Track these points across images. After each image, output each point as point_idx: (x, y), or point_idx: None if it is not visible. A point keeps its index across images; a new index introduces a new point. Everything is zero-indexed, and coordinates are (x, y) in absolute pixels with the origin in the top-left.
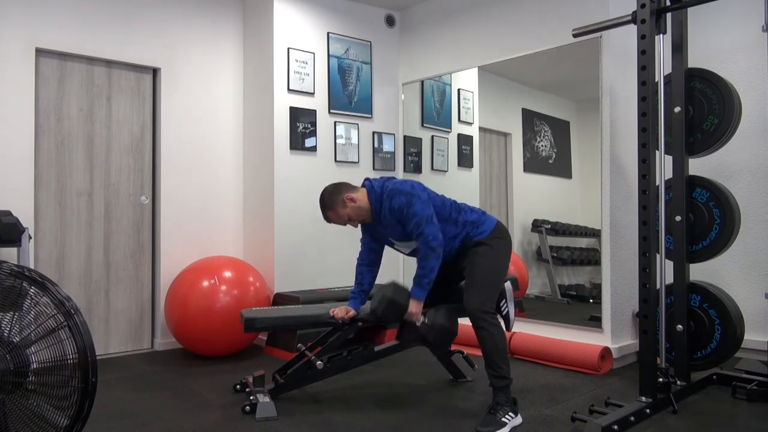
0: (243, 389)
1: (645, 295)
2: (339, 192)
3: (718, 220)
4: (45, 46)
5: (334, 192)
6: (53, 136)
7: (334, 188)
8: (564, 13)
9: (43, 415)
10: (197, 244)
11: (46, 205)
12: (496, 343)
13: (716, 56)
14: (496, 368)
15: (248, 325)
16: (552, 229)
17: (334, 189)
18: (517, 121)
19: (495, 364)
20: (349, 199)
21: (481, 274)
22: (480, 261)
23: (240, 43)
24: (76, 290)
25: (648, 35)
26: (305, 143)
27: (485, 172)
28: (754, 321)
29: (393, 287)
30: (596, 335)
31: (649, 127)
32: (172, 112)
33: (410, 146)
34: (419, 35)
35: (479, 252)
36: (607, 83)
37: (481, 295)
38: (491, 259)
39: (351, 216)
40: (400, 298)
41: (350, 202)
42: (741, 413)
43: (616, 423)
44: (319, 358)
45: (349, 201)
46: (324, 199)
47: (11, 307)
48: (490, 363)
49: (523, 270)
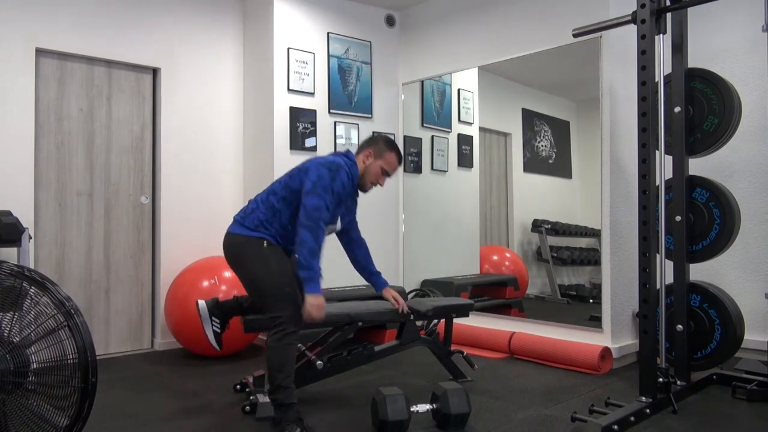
0: (243, 389)
1: (645, 295)
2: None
3: (718, 220)
4: (45, 46)
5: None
6: (53, 136)
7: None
8: (564, 13)
9: (43, 415)
10: (197, 244)
11: (46, 205)
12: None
13: (716, 56)
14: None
15: (248, 325)
16: (552, 229)
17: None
18: (517, 121)
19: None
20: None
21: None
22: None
23: (240, 43)
24: (76, 290)
25: (648, 35)
26: (305, 143)
27: (485, 172)
28: (754, 321)
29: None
30: (596, 335)
31: (649, 127)
32: (172, 112)
33: (410, 146)
34: (419, 35)
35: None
36: (607, 83)
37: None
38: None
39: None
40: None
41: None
42: (741, 413)
43: (616, 423)
44: (319, 358)
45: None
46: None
47: (11, 307)
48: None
49: (523, 270)
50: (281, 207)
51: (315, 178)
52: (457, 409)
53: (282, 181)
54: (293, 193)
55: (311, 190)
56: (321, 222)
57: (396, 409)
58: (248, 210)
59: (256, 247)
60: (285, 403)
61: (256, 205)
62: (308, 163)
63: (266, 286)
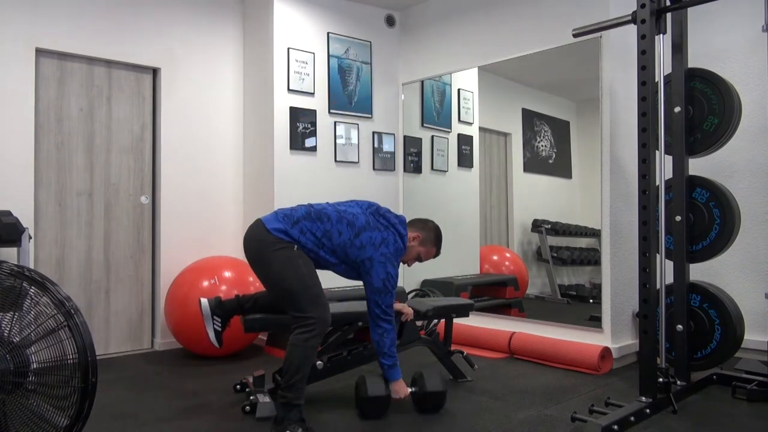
0: (243, 389)
1: (645, 295)
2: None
3: (718, 220)
4: (45, 46)
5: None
6: (53, 136)
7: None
8: (564, 13)
9: (43, 415)
10: (197, 244)
11: (46, 205)
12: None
13: (716, 56)
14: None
15: (248, 325)
16: (552, 229)
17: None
18: (517, 121)
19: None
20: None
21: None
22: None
23: (240, 43)
24: (76, 290)
25: (648, 35)
26: (305, 143)
27: (485, 172)
28: (754, 321)
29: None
30: (596, 335)
31: (649, 127)
32: (172, 112)
33: (410, 146)
34: (419, 35)
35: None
36: (607, 83)
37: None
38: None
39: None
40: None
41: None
42: (741, 413)
43: (616, 423)
44: (319, 358)
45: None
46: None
47: (11, 307)
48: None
49: (523, 270)
50: (328, 253)
51: (384, 276)
52: (434, 387)
53: (343, 236)
54: (347, 256)
55: (382, 289)
56: (393, 314)
57: (375, 387)
58: (297, 227)
59: (286, 248)
60: (293, 403)
61: (306, 230)
62: (372, 249)
63: (294, 287)
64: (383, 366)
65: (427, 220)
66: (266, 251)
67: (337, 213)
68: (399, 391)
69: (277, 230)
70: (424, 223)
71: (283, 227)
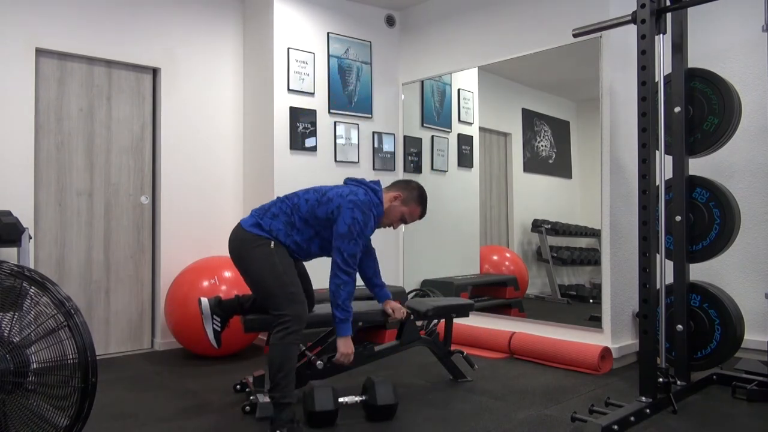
0: (243, 389)
1: (645, 295)
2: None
3: (718, 220)
4: (45, 46)
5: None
6: (53, 136)
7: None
8: (564, 13)
9: (43, 415)
10: (197, 244)
11: (46, 205)
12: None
13: (716, 56)
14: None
15: (248, 325)
16: (552, 229)
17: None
18: (517, 121)
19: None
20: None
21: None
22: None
23: (240, 43)
24: (76, 290)
25: (648, 35)
26: (305, 143)
27: (485, 172)
28: (754, 321)
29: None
30: (596, 335)
31: (649, 127)
32: (172, 112)
33: (410, 146)
34: (419, 35)
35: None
36: (607, 83)
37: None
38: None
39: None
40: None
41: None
42: (741, 413)
43: (616, 423)
44: (319, 358)
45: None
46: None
47: (11, 307)
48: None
49: (523, 270)
50: (301, 227)
51: (350, 222)
52: (384, 400)
53: (310, 201)
54: (317, 219)
55: (347, 234)
56: (356, 266)
57: (323, 400)
58: (268, 213)
59: (262, 246)
60: (281, 402)
61: (278, 211)
62: (340, 198)
63: (270, 285)
64: (334, 317)
65: (410, 180)
66: (244, 249)
67: (305, 189)
68: (346, 347)
69: (251, 225)
70: (406, 183)
71: (256, 221)
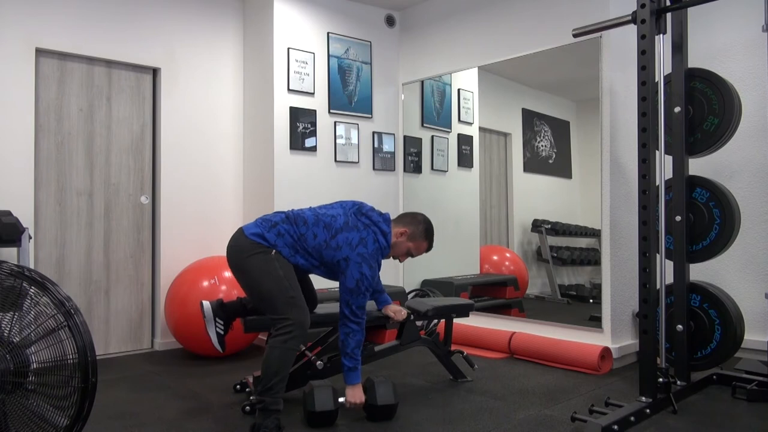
0: (243, 389)
1: (645, 295)
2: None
3: (718, 220)
4: (45, 46)
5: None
6: (53, 136)
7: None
8: (564, 13)
9: (43, 415)
10: (197, 244)
11: (46, 205)
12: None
13: (716, 56)
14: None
15: (249, 325)
16: (552, 229)
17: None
18: (517, 121)
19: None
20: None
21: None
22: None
23: (240, 43)
24: (76, 290)
25: (648, 35)
26: (305, 143)
27: (485, 172)
28: (754, 321)
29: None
30: (596, 335)
31: (649, 127)
32: (172, 112)
33: (410, 146)
34: (419, 35)
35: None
36: (607, 83)
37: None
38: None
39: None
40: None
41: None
42: (741, 413)
43: (616, 423)
44: (319, 358)
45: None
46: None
47: (11, 307)
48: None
49: (523, 270)
50: (305, 255)
51: (358, 277)
52: (384, 400)
53: (318, 238)
54: (321, 258)
55: (355, 290)
56: (365, 316)
57: (323, 400)
58: (274, 230)
59: (262, 252)
60: (269, 408)
61: (284, 232)
62: (349, 249)
63: (270, 289)
64: (343, 366)
65: (416, 214)
66: (244, 256)
67: (314, 216)
68: (354, 396)
69: (254, 234)
70: (412, 217)
71: (260, 231)
